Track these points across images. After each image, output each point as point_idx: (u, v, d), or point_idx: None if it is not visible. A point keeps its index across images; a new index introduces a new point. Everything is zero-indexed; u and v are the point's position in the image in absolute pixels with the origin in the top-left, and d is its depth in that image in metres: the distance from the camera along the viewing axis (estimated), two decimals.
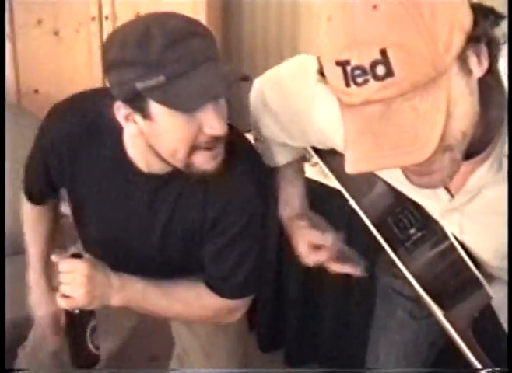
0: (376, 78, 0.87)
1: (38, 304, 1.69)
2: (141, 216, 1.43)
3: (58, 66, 2.78)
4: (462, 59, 0.91)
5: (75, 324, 1.39)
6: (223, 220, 1.37)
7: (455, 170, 1.00)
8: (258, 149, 1.46)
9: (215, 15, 2.88)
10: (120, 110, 1.25)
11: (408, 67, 0.86)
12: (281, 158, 1.52)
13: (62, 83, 2.77)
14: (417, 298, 1.43)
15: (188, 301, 1.45)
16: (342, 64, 0.88)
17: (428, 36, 0.86)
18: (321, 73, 0.96)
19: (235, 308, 1.49)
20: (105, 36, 2.69)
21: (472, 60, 0.92)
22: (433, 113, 0.88)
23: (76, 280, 1.32)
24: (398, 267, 1.38)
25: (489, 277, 1.32)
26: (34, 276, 1.69)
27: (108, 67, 1.22)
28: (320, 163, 1.44)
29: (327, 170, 1.42)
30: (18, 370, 1.67)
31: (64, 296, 1.34)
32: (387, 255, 1.40)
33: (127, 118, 1.25)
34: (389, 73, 0.86)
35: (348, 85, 0.89)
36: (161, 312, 1.47)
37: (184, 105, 1.17)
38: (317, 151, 1.44)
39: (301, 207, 1.56)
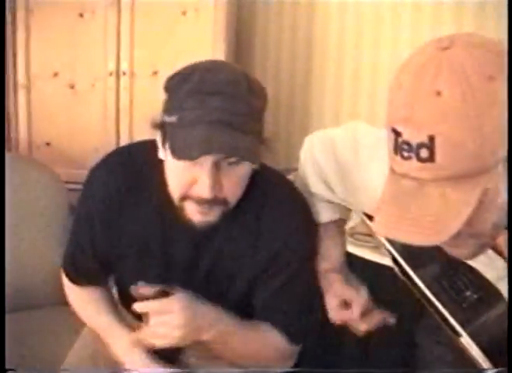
0: (419, 158, 0.89)
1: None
2: (183, 268, 1.38)
3: (72, 119, 2.74)
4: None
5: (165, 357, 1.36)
6: (276, 263, 1.36)
7: (482, 251, 1.02)
8: None
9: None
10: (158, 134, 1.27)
11: (450, 158, 0.88)
12: (325, 215, 1.50)
13: (75, 137, 2.74)
14: (462, 366, 1.37)
15: (262, 343, 1.41)
16: (396, 133, 0.92)
17: (478, 136, 0.87)
18: None
19: (291, 354, 1.45)
20: (121, 91, 2.68)
21: None
22: (461, 205, 0.90)
23: (173, 322, 1.25)
24: (441, 333, 1.33)
25: None
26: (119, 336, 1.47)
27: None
28: (369, 224, 1.40)
29: (380, 237, 1.39)
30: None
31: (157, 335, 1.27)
32: (430, 320, 1.36)
33: (162, 142, 1.26)
34: (430, 158, 0.88)
35: (396, 153, 0.93)
36: (238, 352, 1.39)
37: (174, 152, 1.19)
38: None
39: (338, 262, 1.53)
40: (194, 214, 1.26)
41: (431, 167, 0.88)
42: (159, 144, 1.27)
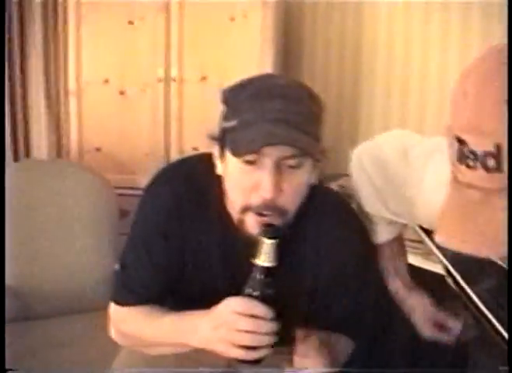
0: (485, 168, 0.86)
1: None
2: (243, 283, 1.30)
3: (122, 125, 2.77)
4: None
5: None
6: (339, 279, 1.34)
7: None
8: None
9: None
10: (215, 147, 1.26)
11: None
12: (384, 235, 1.49)
13: (125, 142, 2.77)
14: None
15: (343, 354, 1.40)
16: (460, 142, 0.89)
17: None
18: None
19: None
20: (170, 97, 2.70)
21: None
22: None
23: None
24: (494, 345, 1.29)
25: None
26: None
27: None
28: (429, 243, 1.38)
29: (434, 249, 1.37)
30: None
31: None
32: (482, 332, 1.33)
33: (220, 152, 1.25)
34: (498, 168, 0.85)
35: (460, 162, 0.89)
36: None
37: (236, 148, 1.18)
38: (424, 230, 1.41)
39: (408, 279, 1.54)
40: (254, 227, 1.23)
41: (498, 177, 0.85)
42: (217, 159, 1.26)
